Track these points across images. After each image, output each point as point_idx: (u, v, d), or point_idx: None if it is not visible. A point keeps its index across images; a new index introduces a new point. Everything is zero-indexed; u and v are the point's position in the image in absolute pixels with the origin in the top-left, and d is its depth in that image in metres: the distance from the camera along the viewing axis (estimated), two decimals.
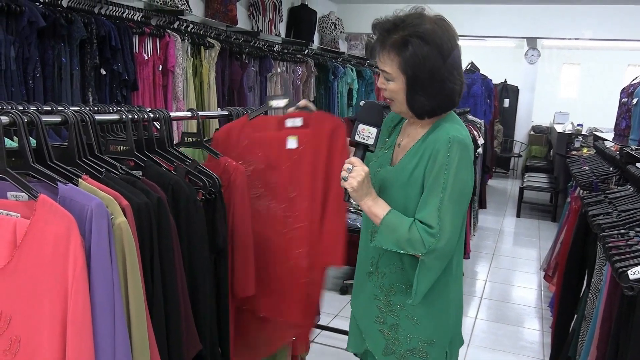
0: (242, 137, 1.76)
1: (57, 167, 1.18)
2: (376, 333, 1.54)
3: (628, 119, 3.48)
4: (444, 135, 1.40)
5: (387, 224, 1.39)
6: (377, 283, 1.53)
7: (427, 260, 1.37)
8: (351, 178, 1.38)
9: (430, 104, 1.41)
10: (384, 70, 1.42)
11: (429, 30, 1.36)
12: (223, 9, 4.44)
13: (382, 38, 1.41)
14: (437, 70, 1.36)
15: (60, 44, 2.81)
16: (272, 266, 1.76)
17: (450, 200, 1.36)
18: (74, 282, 1.01)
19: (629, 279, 1.44)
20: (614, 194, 2.31)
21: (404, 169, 1.45)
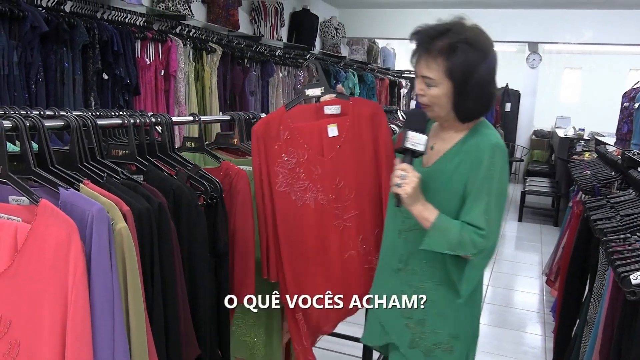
0: (283, 129, 1.71)
1: (58, 172, 1.18)
2: (402, 327, 1.58)
3: (630, 123, 3.48)
4: (487, 141, 1.46)
5: (437, 227, 1.44)
6: (405, 279, 1.57)
7: (476, 260, 1.44)
8: (405, 184, 1.41)
9: (475, 108, 1.46)
10: (427, 76, 1.44)
11: (474, 36, 1.42)
12: (225, 13, 4.45)
13: (426, 45, 1.44)
14: (482, 75, 1.42)
15: (62, 49, 2.82)
16: (331, 260, 1.75)
17: (496, 203, 1.43)
18: (74, 287, 1.01)
19: (632, 284, 1.43)
20: (615, 198, 2.31)
21: (441, 171, 1.49)
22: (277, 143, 1.70)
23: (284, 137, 1.71)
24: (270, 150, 1.70)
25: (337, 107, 1.73)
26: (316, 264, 1.75)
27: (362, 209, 1.74)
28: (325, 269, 1.76)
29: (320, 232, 1.74)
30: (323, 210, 1.73)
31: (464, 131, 1.51)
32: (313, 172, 1.72)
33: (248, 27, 5.21)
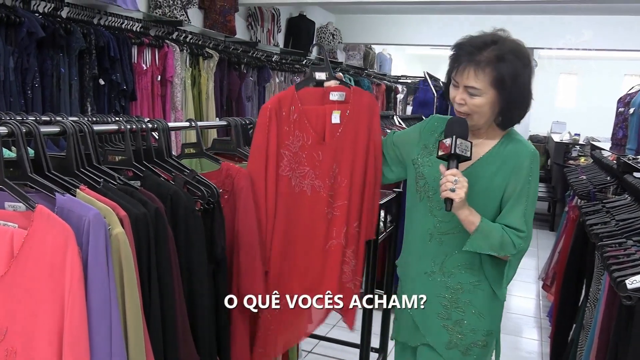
0: (293, 110, 1.70)
1: (55, 178, 1.18)
2: (439, 328, 1.63)
3: (625, 128, 3.50)
4: (526, 149, 1.55)
5: (482, 230, 1.50)
6: (441, 282, 1.62)
7: (513, 260, 1.54)
8: (459, 189, 1.44)
9: (517, 114, 1.54)
10: (472, 86, 1.48)
11: (517, 47, 1.50)
12: (221, 19, 4.46)
13: (472, 56, 1.48)
14: (526, 84, 1.50)
15: (59, 54, 2.82)
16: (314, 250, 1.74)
17: (532, 207, 1.54)
18: (70, 293, 1.01)
19: (627, 289, 1.44)
20: (611, 203, 2.32)
21: (479, 176, 1.54)
22: (287, 124, 1.68)
23: (293, 119, 1.69)
24: (281, 131, 1.68)
25: (342, 94, 1.73)
26: (301, 255, 1.74)
27: (350, 199, 1.74)
28: (306, 261, 1.74)
29: (311, 221, 1.73)
30: (318, 198, 1.73)
31: (497, 138, 1.58)
32: (314, 157, 1.71)
33: (245, 32, 5.22)
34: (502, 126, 1.56)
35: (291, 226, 1.73)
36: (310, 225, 1.74)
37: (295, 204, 1.72)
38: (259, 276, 1.63)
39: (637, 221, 1.95)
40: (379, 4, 4.95)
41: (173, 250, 1.29)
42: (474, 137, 1.58)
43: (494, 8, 6.40)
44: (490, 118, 1.52)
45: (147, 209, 1.21)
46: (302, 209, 1.73)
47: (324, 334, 3.29)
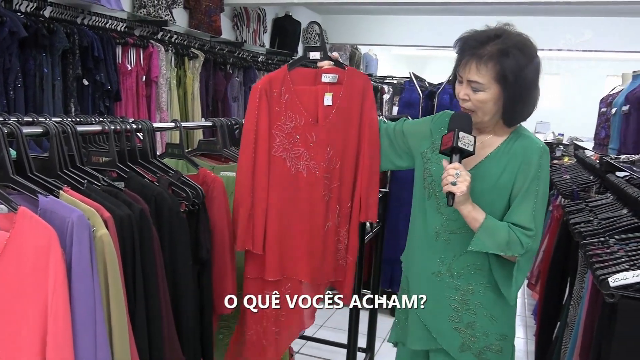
0: (284, 91, 1.68)
1: (37, 179, 1.16)
2: (451, 331, 1.58)
3: (607, 128, 3.54)
4: (534, 144, 1.50)
5: (486, 228, 1.45)
6: (450, 283, 1.57)
7: (522, 260, 1.47)
8: (460, 183, 1.41)
9: (523, 111, 1.49)
10: (475, 80, 1.45)
11: (522, 41, 1.46)
12: (207, 19, 4.44)
13: (475, 49, 1.45)
14: (531, 79, 1.46)
15: (42, 54, 2.79)
16: (315, 231, 1.73)
17: (541, 205, 1.48)
18: (54, 296, 1.00)
19: (610, 287, 1.46)
20: (594, 202, 2.34)
21: (487, 174, 1.51)
22: (278, 105, 1.67)
23: (284, 100, 1.68)
24: (272, 111, 1.67)
25: (335, 76, 1.71)
26: (303, 236, 1.73)
27: (342, 181, 1.73)
28: (309, 243, 1.73)
29: (309, 202, 1.71)
30: (315, 179, 1.71)
31: (505, 135, 1.54)
32: (308, 138, 1.70)
33: (230, 33, 5.20)
34: (507, 123, 1.51)
35: (289, 207, 1.71)
36: (310, 207, 1.72)
37: (292, 185, 1.70)
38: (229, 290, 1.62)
39: (619, 220, 1.97)
40: (364, 4, 4.97)
41: (158, 252, 1.28)
42: (481, 134, 1.55)
43: (478, 9, 6.45)
44: (495, 114, 1.48)
45: (131, 210, 1.20)
46: (300, 190, 1.71)
47: (311, 335, 3.29)
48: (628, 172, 2.27)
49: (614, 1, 4.05)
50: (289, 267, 1.73)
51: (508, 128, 1.53)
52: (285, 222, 1.71)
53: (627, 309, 1.44)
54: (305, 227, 1.72)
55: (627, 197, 2.03)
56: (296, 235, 1.72)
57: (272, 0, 4.72)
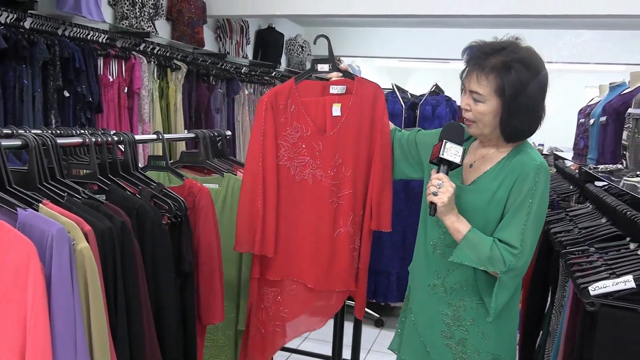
0: (290, 102, 1.73)
1: (16, 192, 1.15)
2: (442, 347, 1.56)
3: (586, 138, 3.60)
4: (532, 160, 1.46)
5: (469, 240, 1.43)
6: (443, 298, 1.55)
7: (505, 278, 1.43)
8: (441, 193, 1.41)
9: (522, 127, 1.46)
10: (476, 91, 1.44)
11: (528, 57, 1.43)
12: (190, 31, 4.44)
13: (479, 60, 1.44)
14: (533, 95, 1.43)
15: (22, 66, 2.75)
16: (322, 237, 1.76)
17: (533, 223, 1.43)
18: (33, 311, 0.98)
19: (590, 295, 1.47)
20: (574, 211, 2.38)
21: (484, 190, 1.48)
22: (284, 115, 1.72)
23: (291, 110, 1.73)
24: (278, 122, 1.72)
25: (343, 87, 1.76)
26: (308, 241, 1.77)
27: (355, 188, 1.77)
28: (315, 248, 1.77)
29: (315, 209, 1.76)
30: (321, 187, 1.75)
31: (507, 151, 1.51)
32: (314, 148, 1.74)
33: (213, 44, 5.20)
34: (506, 138, 1.47)
35: (294, 213, 1.76)
36: (315, 213, 1.76)
37: (297, 193, 1.75)
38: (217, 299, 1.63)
39: (598, 229, 2.00)
40: (347, 17, 5.00)
41: (140, 265, 1.27)
42: (484, 147, 1.54)
43: (459, 22, 6.54)
44: (495, 128, 1.46)
45: (112, 223, 1.19)
46: (304, 197, 1.76)
47: (295, 347, 3.27)
48: (606, 181, 2.31)
49: (591, 15, 4.14)
50: (293, 270, 1.79)
51: (510, 143, 1.51)
52: (290, 226, 1.76)
53: (607, 317, 1.46)
54: (310, 232, 1.77)
55: (605, 206, 2.07)
56: (301, 239, 1.77)
57: (255, 12, 4.73)
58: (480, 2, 4.22)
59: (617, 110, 2.84)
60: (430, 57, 7.00)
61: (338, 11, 4.51)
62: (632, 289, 1.45)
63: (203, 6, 4.52)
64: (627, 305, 1.44)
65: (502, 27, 7.16)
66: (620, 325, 1.45)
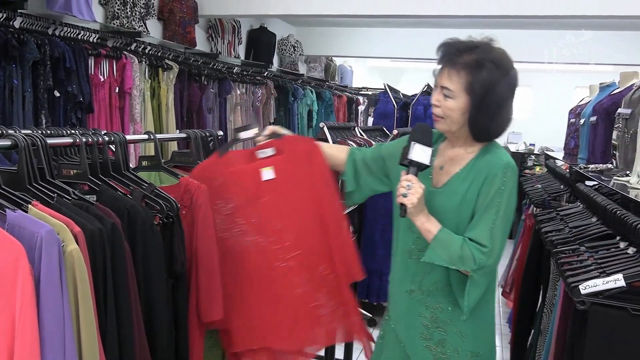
0: (216, 175, 1.70)
1: (5, 193, 1.14)
2: (422, 349, 1.57)
3: (576, 138, 3.62)
4: (499, 160, 1.48)
5: (439, 240, 1.45)
6: (421, 301, 1.56)
7: (476, 276, 1.45)
8: (411, 195, 1.42)
9: (490, 126, 1.48)
10: (446, 87, 1.45)
11: (500, 57, 1.45)
12: (181, 30, 4.42)
13: (452, 57, 1.45)
14: (502, 95, 1.45)
15: (11, 66, 2.73)
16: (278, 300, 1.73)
17: (502, 221, 1.45)
18: (21, 314, 0.97)
19: (581, 294, 1.48)
20: (565, 211, 2.39)
21: (454, 192, 1.50)
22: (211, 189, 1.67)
23: (218, 183, 1.70)
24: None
25: (271, 150, 1.73)
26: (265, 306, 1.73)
27: (305, 247, 1.72)
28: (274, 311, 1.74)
29: (266, 274, 1.72)
30: (264, 253, 1.72)
31: (475, 151, 1.52)
32: (250, 216, 1.71)
33: (205, 44, 5.19)
34: (475, 136, 1.49)
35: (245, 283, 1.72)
36: (267, 279, 1.72)
37: (243, 262, 1.71)
38: (217, 296, 1.62)
39: (588, 228, 2.01)
40: (339, 17, 5.01)
41: (130, 267, 1.26)
42: (453, 147, 1.55)
43: (451, 22, 6.56)
44: (463, 125, 1.47)
45: (102, 225, 1.18)
46: (251, 265, 1.72)
47: None
48: (597, 181, 2.33)
49: (581, 16, 4.16)
50: (258, 338, 1.74)
51: (478, 143, 1.52)
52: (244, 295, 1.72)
53: (597, 316, 1.47)
54: (267, 297, 1.73)
55: (596, 205, 2.08)
56: (259, 306, 1.73)
57: (247, 12, 4.72)
58: (472, 2, 4.23)
59: (607, 110, 2.86)
60: (422, 57, 7.01)
61: (330, 11, 4.51)
62: (622, 288, 1.46)
63: (195, 6, 4.51)
64: (617, 304, 1.46)
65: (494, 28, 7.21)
66: (610, 324, 1.46)
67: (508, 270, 3.82)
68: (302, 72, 7.27)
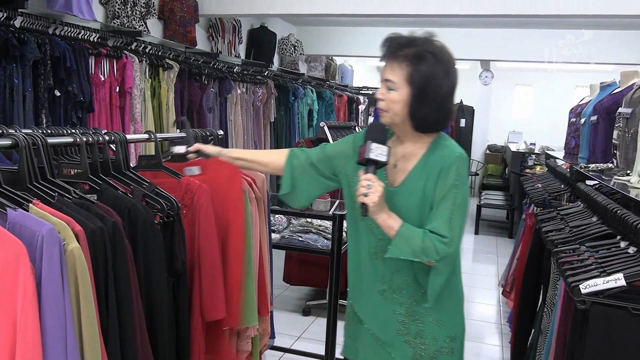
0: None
1: (6, 192, 1.14)
2: (401, 344, 1.60)
3: (577, 138, 3.62)
4: (451, 153, 1.52)
5: (401, 235, 1.47)
6: (394, 299, 1.59)
7: (439, 266, 1.48)
8: (372, 194, 1.44)
9: (430, 117, 1.50)
10: (389, 79, 1.49)
11: (440, 50, 1.49)
12: (182, 30, 4.42)
13: (394, 50, 1.49)
14: (442, 87, 1.47)
15: (12, 65, 2.73)
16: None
17: (459, 211, 1.49)
18: (23, 312, 0.97)
19: (581, 293, 1.48)
20: (565, 210, 2.39)
21: (412, 190, 1.52)
22: None
23: None
24: None
25: (197, 168, 1.77)
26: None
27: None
28: None
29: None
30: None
31: (425, 147, 1.54)
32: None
33: (205, 43, 5.19)
34: (416, 128, 1.52)
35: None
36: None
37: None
38: (220, 295, 1.62)
39: (589, 227, 2.01)
40: (340, 16, 5.00)
41: (131, 265, 1.26)
42: (402, 143, 1.58)
43: (451, 21, 6.57)
44: (405, 118, 1.50)
45: (104, 223, 1.18)
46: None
47: (288, 346, 3.27)
48: (597, 180, 2.32)
49: (582, 15, 4.16)
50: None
51: (426, 137, 1.54)
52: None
53: (597, 315, 1.47)
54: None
55: (596, 205, 2.08)
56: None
57: (247, 12, 4.72)
58: (473, 2, 4.23)
59: (607, 109, 2.86)
60: None
61: (331, 10, 4.51)
62: (622, 287, 1.46)
63: (195, 5, 4.51)
64: (617, 303, 1.46)
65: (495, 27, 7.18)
66: (611, 323, 1.46)
67: (508, 270, 3.82)
68: (302, 71, 7.27)
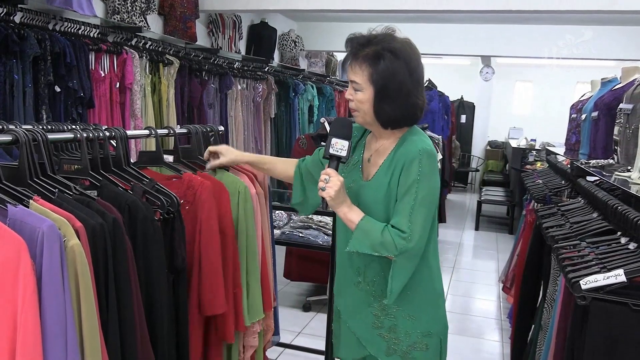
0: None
1: (6, 188, 1.14)
2: (375, 337, 1.61)
3: (578, 134, 3.61)
4: (414, 148, 1.50)
5: (361, 228, 1.49)
6: (368, 292, 1.60)
7: (399, 260, 1.48)
8: (329, 188, 1.46)
9: (395, 114, 1.51)
10: (354, 80, 1.51)
11: (399, 47, 1.49)
12: (182, 26, 4.42)
13: (355, 51, 1.51)
14: (404, 83, 1.47)
15: (12, 61, 2.73)
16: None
17: (421, 206, 1.48)
18: (23, 308, 0.97)
19: (581, 289, 1.48)
20: (566, 206, 2.39)
21: (380, 184, 1.54)
22: None
23: None
24: None
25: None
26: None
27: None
28: None
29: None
30: None
31: (395, 141, 1.56)
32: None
33: (206, 39, 5.18)
34: (383, 125, 1.53)
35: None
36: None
37: None
38: (220, 290, 1.62)
39: (590, 223, 2.01)
40: (340, 12, 5.00)
41: (131, 262, 1.26)
42: (376, 142, 1.60)
43: (452, 17, 6.55)
44: (373, 116, 1.52)
45: (104, 220, 1.18)
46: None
47: (288, 342, 3.27)
48: (598, 176, 2.32)
49: (583, 10, 4.15)
50: None
51: (398, 132, 1.56)
52: None
53: (598, 311, 1.47)
54: None
55: (597, 201, 2.08)
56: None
57: (247, 7, 4.71)
58: None
59: (608, 105, 2.85)
60: (423, 52, 6.99)
61: (331, 6, 4.50)
62: (622, 283, 1.46)
63: (195, 1, 4.50)
64: (618, 299, 1.46)
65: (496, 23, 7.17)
66: (611, 319, 1.46)
67: (509, 266, 3.82)
68: (303, 67, 7.26)
